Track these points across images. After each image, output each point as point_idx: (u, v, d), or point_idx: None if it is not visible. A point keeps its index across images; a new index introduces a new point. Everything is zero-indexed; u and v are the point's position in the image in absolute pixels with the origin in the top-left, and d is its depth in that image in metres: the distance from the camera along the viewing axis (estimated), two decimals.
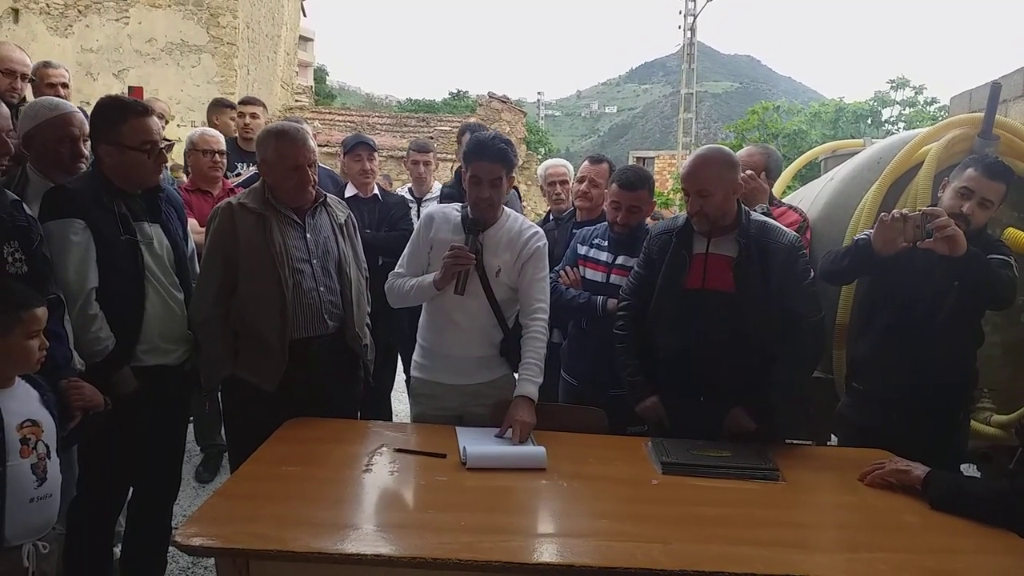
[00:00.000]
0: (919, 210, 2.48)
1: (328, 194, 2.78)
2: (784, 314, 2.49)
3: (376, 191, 4.10)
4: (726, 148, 2.61)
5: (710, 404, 2.55)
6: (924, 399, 2.57)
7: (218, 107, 5.07)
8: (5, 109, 2.15)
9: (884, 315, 2.69)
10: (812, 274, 2.55)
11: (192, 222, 3.65)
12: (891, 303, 2.66)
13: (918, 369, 2.57)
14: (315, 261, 2.60)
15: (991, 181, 2.55)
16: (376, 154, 4.11)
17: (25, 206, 2.18)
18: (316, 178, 2.63)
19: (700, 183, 2.49)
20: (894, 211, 2.54)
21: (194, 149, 3.93)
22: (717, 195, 2.48)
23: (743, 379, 2.51)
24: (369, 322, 2.84)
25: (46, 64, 3.90)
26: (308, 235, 2.61)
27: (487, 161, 2.53)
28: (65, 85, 3.86)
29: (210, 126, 4.75)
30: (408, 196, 4.56)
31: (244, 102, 4.92)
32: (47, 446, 1.90)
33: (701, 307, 2.53)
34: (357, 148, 4.07)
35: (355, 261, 2.76)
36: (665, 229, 2.69)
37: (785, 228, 2.63)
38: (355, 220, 2.86)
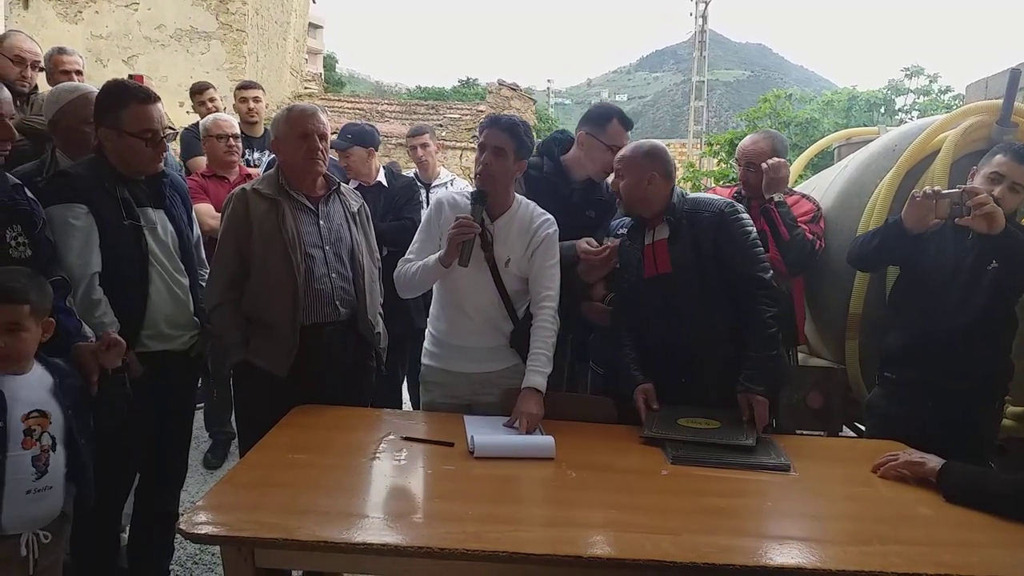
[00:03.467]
0: (958, 187, 2.50)
1: (342, 183, 2.78)
2: (736, 279, 2.52)
3: (381, 178, 4.02)
4: (660, 144, 2.67)
5: (691, 386, 2.57)
6: (957, 387, 2.55)
7: (195, 93, 5.05)
8: (7, 94, 2.13)
9: (916, 302, 2.68)
10: (753, 234, 2.56)
11: (208, 207, 3.66)
12: (923, 289, 2.65)
13: (951, 356, 2.55)
14: (327, 248, 2.60)
15: (1021, 165, 2.56)
16: (358, 148, 3.90)
17: (27, 189, 2.16)
18: (327, 155, 2.63)
19: (618, 163, 2.64)
20: (926, 188, 2.57)
21: (208, 135, 3.94)
22: (628, 178, 2.58)
23: (714, 358, 2.54)
24: (381, 311, 2.82)
25: (60, 51, 3.89)
26: (321, 222, 2.61)
27: (495, 129, 2.54)
28: (79, 72, 3.85)
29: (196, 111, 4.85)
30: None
31: (244, 86, 4.85)
32: (53, 438, 1.88)
33: (657, 293, 2.60)
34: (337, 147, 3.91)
35: (368, 250, 2.75)
36: (621, 229, 2.78)
37: (715, 196, 2.72)
38: (368, 210, 2.85)
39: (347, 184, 3.19)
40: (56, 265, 2.18)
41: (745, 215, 2.60)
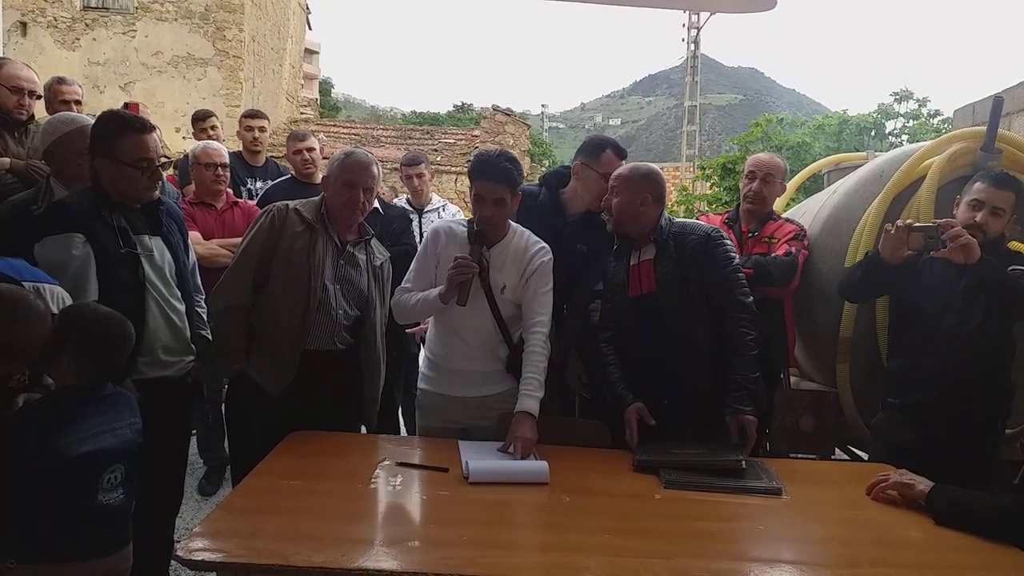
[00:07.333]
0: (933, 222, 2.58)
1: (374, 237, 2.82)
2: (718, 302, 2.59)
3: (376, 204, 4.07)
4: (656, 169, 2.75)
5: (675, 406, 2.61)
6: (958, 410, 2.59)
7: (197, 120, 5.11)
8: None
9: (914, 328, 2.74)
10: (736, 260, 2.65)
11: (195, 234, 3.67)
12: (920, 315, 2.71)
13: (950, 379, 2.59)
14: (338, 286, 2.65)
15: (999, 191, 2.65)
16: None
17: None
18: (368, 207, 2.68)
19: (614, 181, 2.70)
20: (897, 222, 2.66)
21: (196, 163, 3.95)
22: (622, 197, 2.65)
23: (696, 378, 2.60)
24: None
25: (60, 80, 3.91)
26: (341, 261, 2.66)
27: (490, 181, 2.55)
28: (79, 102, 3.87)
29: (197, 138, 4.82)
30: (407, 207, 4.58)
31: (251, 115, 4.91)
32: None
33: (642, 312, 2.66)
34: None
35: (380, 304, 2.78)
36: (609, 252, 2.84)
37: (702, 223, 2.81)
38: (390, 266, 2.87)
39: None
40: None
41: (729, 242, 2.68)
